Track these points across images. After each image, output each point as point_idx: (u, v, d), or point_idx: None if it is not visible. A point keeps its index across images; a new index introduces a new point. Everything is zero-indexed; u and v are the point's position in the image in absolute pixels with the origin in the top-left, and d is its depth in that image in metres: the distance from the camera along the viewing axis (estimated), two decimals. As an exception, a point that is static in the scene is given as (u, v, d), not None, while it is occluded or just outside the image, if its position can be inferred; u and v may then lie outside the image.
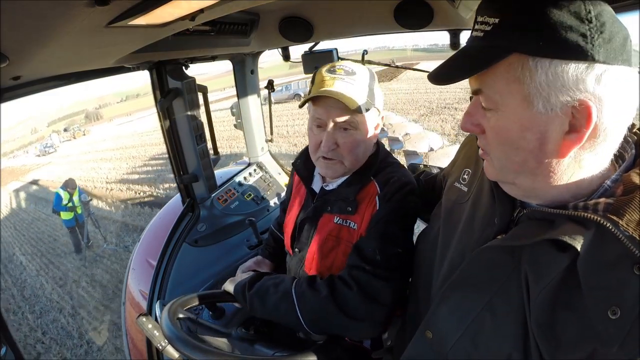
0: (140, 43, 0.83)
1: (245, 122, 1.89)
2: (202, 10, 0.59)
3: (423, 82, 17.66)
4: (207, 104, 1.57)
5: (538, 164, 0.48)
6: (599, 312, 0.43)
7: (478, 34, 0.48)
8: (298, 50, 1.65)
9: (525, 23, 0.44)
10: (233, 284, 0.93)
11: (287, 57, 1.67)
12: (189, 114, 1.41)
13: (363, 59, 1.66)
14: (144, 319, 0.87)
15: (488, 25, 0.47)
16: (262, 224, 1.72)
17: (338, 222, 0.91)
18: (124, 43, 0.78)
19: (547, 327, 0.48)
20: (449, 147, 6.77)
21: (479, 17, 0.49)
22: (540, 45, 0.42)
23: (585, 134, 0.44)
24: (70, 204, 6.38)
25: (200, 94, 1.48)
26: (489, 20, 0.46)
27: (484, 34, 0.47)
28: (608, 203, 0.45)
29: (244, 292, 0.88)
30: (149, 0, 0.49)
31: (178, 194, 1.67)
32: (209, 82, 1.60)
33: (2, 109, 0.91)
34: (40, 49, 0.59)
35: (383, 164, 0.94)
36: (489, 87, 0.48)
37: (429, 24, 1.13)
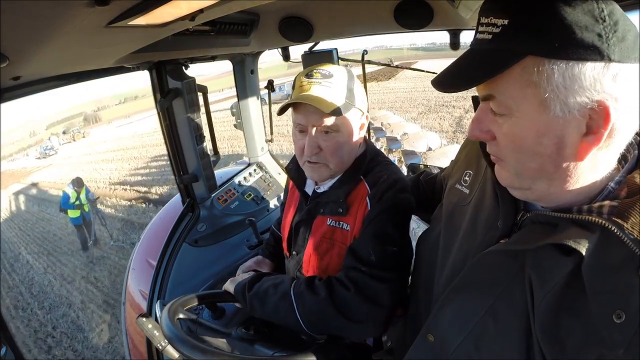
0: (140, 43, 0.83)
1: (245, 122, 1.89)
2: (202, 10, 0.59)
3: (421, 80, 17.77)
4: (207, 104, 1.57)
5: (556, 169, 0.46)
6: (604, 316, 0.42)
7: (485, 37, 0.46)
8: (298, 50, 1.65)
9: (539, 24, 0.42)
10: (233, 284, 0.93)
11: (287, 57, 1.67)
12: (189, 114, 1.41)
13: (363, 59, 1.67)
14: (144, 319, 0.87)
15: (496, 27, 0.44)
16: (262, 224, 1.72)
17: (331, 224, 0.91)
18: (124, 43, 0.78)
19: (551, 332, 0.48)
20: (448, 146, 6.77)
21: (484, 18, 0.46)
22: (556, 47, 0.41)
23: (604, 135, 0.42)
24: (78, 202, 6.47)
25: (200, 94, 1.48)
26: (497, 22, 0.44)
27: (493, 36, 0.45)
28: (613, 206, 0.44)
29: (244, 292, 0.88)
30: (149, 0, 0.49)
31: (178, 194, 1.68)
32: (208, 83, 1.60)
33: (1, 110, 0.91)
34: (40, 49, 0.59)
35: (372, 164, 0.93)
36: (502, 92, 0.46)
37: (429, 24, 1.13)
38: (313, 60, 1.57)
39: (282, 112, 0.91)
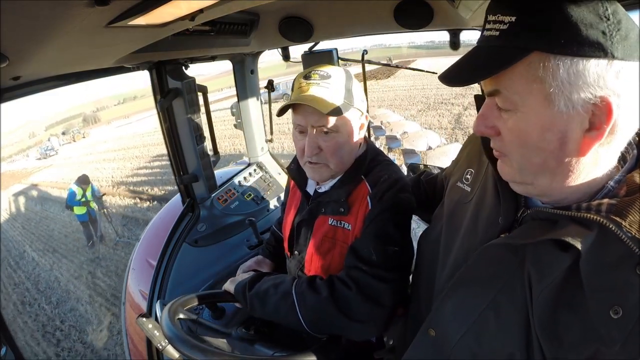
0: (140, 43, 0.83)
1: (245, 122, 1.89)
2: (201, 10, 0.59)
3: (420, 78, 17.86)
4: (207, 104, 1.57)
5: (558, 164, 0.47)
6: (601, 311, 0.43)
7: (492, 34, 0.47)
8: (298, 50, 1.65)
9: (545, 21, 0.43)
10: (234, 284, 0.93)
11: (287, 57, 1.67)
12: (189, 114, 1.41)
13: (363, 59, 1.67)
14: (144, 319, 0.87)
15: (503, 24, 0.45)
16: (262, 224, 1.72)
17: (332, 223, 0.92)
18: (124, 43, 0.78)
19: (549, 326, 0.48)
20: (447, 145, 6.78)
21: (491, 15, 0.48)
22: (562, 43, 0.42)
23: (606, 130, 0.43)
24: (84, 199, 6.56)
25: (200, 94, 1.48)
26: (504, 19, 0.45)
27: (500, 33, 0.46)
28: (611, 204, 0.45)
29: (244, 292, 0.88)
30: (149, 0, 0.49)
31: (178, 194, 1.68)
32: (207, 82, 1.60)
33: (1, 110, 0.91)
34: (40, 49, 0.59)
35: (373, 163, 0.94)
36: (508, 87, 0.47)
37: (429, 24, 1.13)
38: (313, 60, 1.57)
39: (281, 113, 0.91)
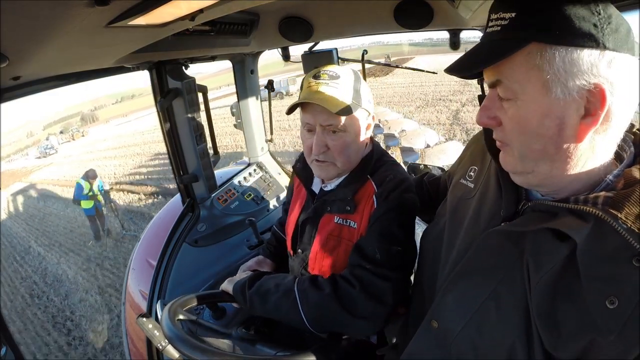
0: (140, 43, 0.83)
1: (245, 122, 1.89)
2: (201, 10, 0.59)
3: (418, 76, 17.98)
4: (207, 104, 1.57)
5: (557, 150, 0.49)
6: (597, 301, 0.44)
7: (495, 29, 0.50)
8: (298, 50, 1.65)
9: (542, 15, 0.46)
10: (231, 284, 0.94)
11: (287, 57, 1.67)
12: (189, 114, 1.41)
13: (363, 59, 1.67)
14: (144, 319, 0.87)
15: (504, 20, 0.49)
16: (262, 224, 1.72)
17: (338, 221, 0.92)
18: (124, 43, 0.78)
19: (547, 315, 0.50)
20: (446, 143, 6.78)
21: (493, 14, 0.51)
22: (557, 34, 0.45)
23: (600, 116, 0.46)
24: (91, 193, 6.70)
25: (200, 94, 1.48)
26: (505, 16, 0.49)
27: (501, 28, 0.49)
28: (607, 196, 0.47)
29: (244, 291, 0.88)
30: (149, 0, 0.49)
31: (178, 194, 1.67)
32: (206, 80, 1.60)
33: (1, 110, 0.91)
34: (40, 49, 0.59)
35: (379, 163, 0.95)
36: (508, 76, 0.50)
37: (429, 24, 1.13)
38: (313, 60, 1.57)
39: (290, 111, 0.92)
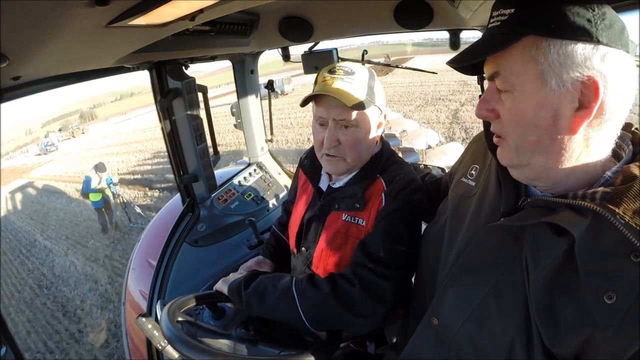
0: (140, 43, 0.83)
1: (245, 122, 1.89)
2: (202, 10, 0.59)
3: (418, 76, 18.12)
4: (207, 104, 1.57)
5: (552, 141, 0.51)
6: (596, 296, 0.45)
7: (495, 24, 0.53)
8: (298, 50, 1.65)
9: (539, 10, 0.48)
10: (226, 284, 0.93)
11: (287, 57, 1.67)
12: (189, 114, 1.41)
13: (363, 59, 1.67)
14: (144, 319, 0.87)
15: (504, 16, 0.51)
16: (262, 224, 1.72)
17: (346, 219, 0.92)
18: (124, 43, 0.78)
19: (546, 310, 0.50)
20: (446, 144, 6.81)
21: (495, 12, 0.53)
22: (552, 28, 0.47)
23: (594, 109, 0.47)
24: (100, 186, 6.83)
25: (200, 94, 1.48)
26: (505, 12, 0.51)
27: (501, 23, 0.52)
28: (605, 192, 0.47)
29: (240, 291, 0.88)
30: (149, 0, 0.49)
31: (178, 194, 1.67)
32: (205, 79, 1.61)
33: (1, 109, 0.91)
34: (40, 49, 0.59)
35: (389, 162, 0.96)
36: (506, 68, 0.52)
37: (429, 24, 1.13)
38: (313, 60, 1.57)
39: (305, 103, 0.92)
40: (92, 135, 28.90)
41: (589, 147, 0.50)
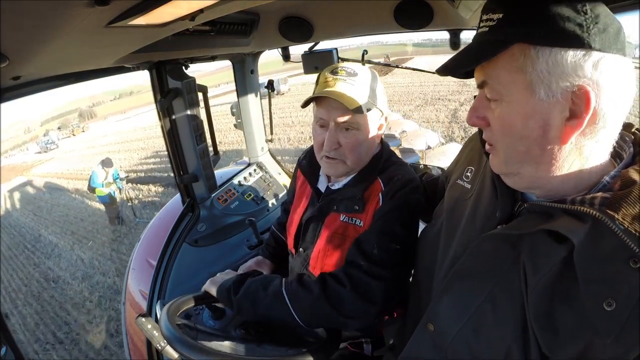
0: (140, 43, 0.83)
1: (245, 122, 1.89)
2: (202, 10, 0.59)
3: (418, 76, 18.25)
4: (207, 104, 1.57)
5: (542, 152, 0.49)
6: (595, 303, 0.44)
7: (483, 30, 0.51)
8: (298, 50, 1.65)
9: (527, 15, 0.46)
10: (214, 285, 0.91)
11: (287, 57, 1.67)
12: (189, 114, 1.41)
13: (363, 59, 1.66)
14: (143, 319, 0.87)
15: (492, 21, 0.49)
16: (262, 224, 1.72)
17: (344, 220, 0.92)
18: (124, 43, 0.78)
19: (544, 318, 0.49)
20: (446, 145, 6.82)
21: (484, 15, 0.51)
22: (541, 35, 0.45)
23: (585, 119, 0.45)
24: (107, 181, 6.95)
25: (200, 94, 1.48)
26: (493, 17, 0.49)
27: (489, 29, 0.50)
28: (604, 197, 0.46)
29: (229, 296, 0.86)
30: (149, 0, 0.49)
31: (178, 194, 1.67)
32: (205, 78, 1.61)
33: (1, 109, 0.91)
34: (40, 49, 0.59)
35: (388, 163, 0.95)
36: (494, 78, 0.50)
37: (429, 24, 1.12)
38: (313, 60, 1.57)
39: (305, 105, 0.92)
40: (92, 134, 28.97)
41: (583, 154, 0.49)
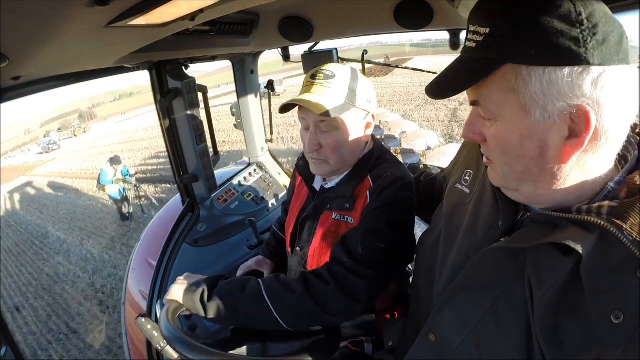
0: (140, 43, 0.83)
1: (245, 122, 1.89)
2: (202, 10, 0.59)
3: (417, 76, 18.29)
4: (207, 104, 1.57)
5: (540, 171, 0.47)
6: (602, 316, 0.42)
7: (471, 45, 0.48)
8: (298, 50, 1.65)
9: (515, 32, 0.43)
10: (179, 294, 0.84)
11: (287, 57, 1.67)
12: (189, 114, 1.41)
13: (363, 59, 1.67)
14: (143, 320, 0.87)
15: (479, 36, 0.46)
16: (262, 224, 1.72)
17: (336, 218, 0.93)
18: (124, 43, 0.78)
19: (551, 331, 0.48)
20: (446, 146, 6.82)
21: (471, 26, 0.48)
22: (532, 54, 0.42)
23: (586, 139, 0.43)
24: (116, 178, 7.07)
25: (200, 94, 1.48)
26: (480, 30, 0.46)
27: (476, 45, 0.47)
28: (612, 206, 0.44)
29: (203, 301, 0.82)
30: (149, 0, 0.49)
31: (178, 194, 1.68)
32: (205, 79, 1.61)
33: (1, 109, 0.91)
34: (40, 49, 0.59)
35: (379, 161, 0.95)
36: (485, 98, 0.48)
37: (429, 24, 1.12)
38: (313, 60, 1.57)
39: (282, 111, 0.94)
40: (93, 134, 29.02)
41: (585, 169, 0.47)
